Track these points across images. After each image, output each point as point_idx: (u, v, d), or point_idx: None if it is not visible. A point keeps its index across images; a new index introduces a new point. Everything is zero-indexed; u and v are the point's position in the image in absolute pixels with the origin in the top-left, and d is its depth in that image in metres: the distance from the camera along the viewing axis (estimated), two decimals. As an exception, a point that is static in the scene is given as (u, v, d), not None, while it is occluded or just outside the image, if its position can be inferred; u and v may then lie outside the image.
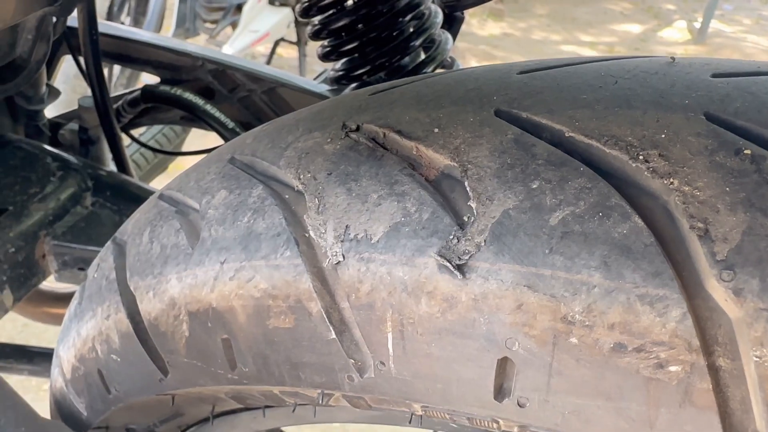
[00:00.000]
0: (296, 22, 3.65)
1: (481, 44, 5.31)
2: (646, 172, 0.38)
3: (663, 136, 0.39)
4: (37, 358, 1.38)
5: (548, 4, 6.48)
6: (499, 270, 0.38)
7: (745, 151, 0.37)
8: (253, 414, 0.64)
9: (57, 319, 1.44)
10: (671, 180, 0.37)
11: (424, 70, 0.89)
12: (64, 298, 1.44)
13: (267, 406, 0.61)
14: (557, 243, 0.37)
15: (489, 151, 0.41)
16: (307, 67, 3.93)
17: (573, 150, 0.40)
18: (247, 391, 0.54)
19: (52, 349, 0.76)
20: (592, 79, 0.45)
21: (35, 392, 2.08)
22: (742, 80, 0.42)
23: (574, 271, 0.36)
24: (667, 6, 6.72)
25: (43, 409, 0.73)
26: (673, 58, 0.47)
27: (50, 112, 1.26)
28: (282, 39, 3.80)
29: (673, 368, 0.35)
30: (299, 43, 3.82)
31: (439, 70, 0.92)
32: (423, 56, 0.91)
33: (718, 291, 0.34)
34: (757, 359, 0.33)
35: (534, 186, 0.39)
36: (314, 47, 0.98)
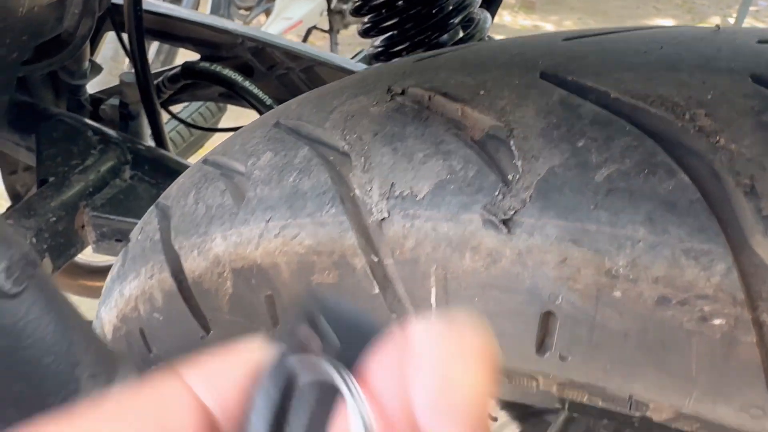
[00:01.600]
0: (329, 10, 3.66)
1: (508, 35, 5.29)
2: (692, 131, 0.38)
3: (709, 96, 0.39)
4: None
5: (581, -2, 6.42)
6: (544, 225, 0.39)
7: (793, 112, 0.37)
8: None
9: (92, 292, 1.47)
10: (717, 138, 0.37)
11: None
12: (100, 272, 1.47)
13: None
14: (602, 199, 0.38)
15: (535, 112, 0.42)
16: (339, 53, 3.95)
17: (619, 111, 0.40)
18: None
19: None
20: (637, 45, 0.45)
21: None
22: (791, 45, 0.42)
23: (619, 226, 0.37)
24: (702, 1, 6.62)
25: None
26: (718, 26, 0.47)
27: (90, 88, 1.29)
28: (314, 27, 3.81)
29: (717, 321, 0.35)
30: (331, 31, 3.83)
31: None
32: (461, 34, 0.91)
33: (763, 246, 0.35)
34: (802, 314, 0.34)
35: (580, 144, 0.40)
36: (345, 36, 0.99)
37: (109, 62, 2.11)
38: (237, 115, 1.64)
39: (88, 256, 1.34)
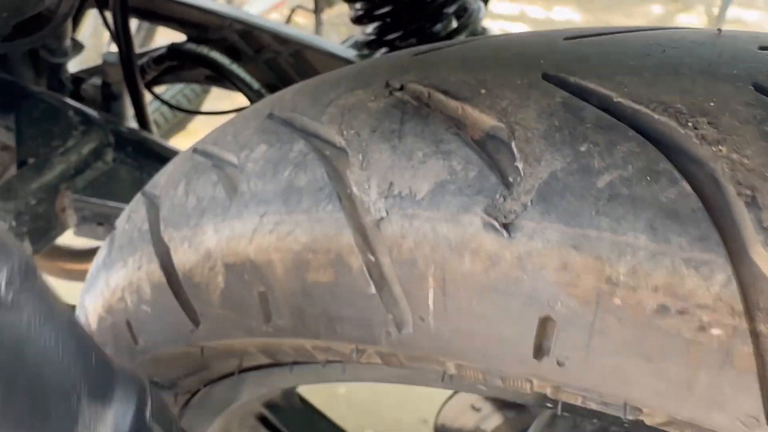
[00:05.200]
0: (314, -12, 3.62)
1: (499, 23, 5.27)
2: (694, 139, 0.38)
3: (712, 104, 0.39)
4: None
5: (570, -17, 6.43)
6: (544, 229, 0.39)
7: (796, 122, 0.37)
8: (281, 370, 0.65)
9: (72, 275, 1.46)
10: (720, 147, 0.37)
11: (457, 38, 0.89)
12: (80, 255, 1.46)
13: (295, 363, 0.62)
14: (604, 205, 0.38)
15: (537, 113, 0.42)
16: (323, 36, 3.91)
17: (621, 115, 0.41)
18: (279, 345, 0.55)
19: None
20: (639, 47, 0.46)
21: None
22: (793, 52, 0.42)
23: (620, 232, 0.37)
24: (688, -11, 6.67)
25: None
26: (719, 30, 0.48)
27: (72, 66, 1.27)
28: (299, 6, 3.77)
29: (715, 331, 0.36)
30: (316, 10, 3.79)
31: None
32: (455, 24, 0.91)
33: (762, 258, 0.35)
34: (800, 325, 0.34)
35: (582, 149, 0.40)
36: (330, 15, 0.98)
37: (89, 39, 2.07)
38: (218, 97, 1.63)
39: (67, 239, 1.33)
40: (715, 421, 0.37)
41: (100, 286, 0.68)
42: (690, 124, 0.39)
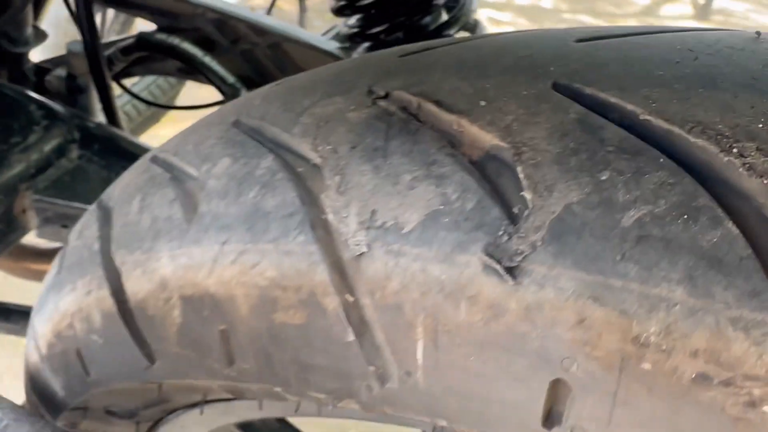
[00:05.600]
0: (299, -27, 3.53)
1: (484, 9, 5.19)
2: (740, 169, 0.32)
3: (761, 125, 0.33)
4: (14, 316, 1.32)
5: (558, -26, 6.40)
6: (558, 276, 0.32)
7: None
8: (249, 404, 0.59)
9: (38, 276, 1.38)
10: (773, 180, 0.31)
11: (447, 32, 0.82)
12: (47, 254, 1.39)
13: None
14: (631, 248, 0.31)
15: (548, 132, 0.35)
16: (307, 23, 3.82)
17: (650, 136, 0.34)
18: (246, 388, 0.48)
19: (31, 307, 0.71)
20: (666, 53, 0.39)
21: (13, 348, 2.00)
22: None
23: (652, 283, 0.31)
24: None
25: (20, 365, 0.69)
26: (758, 33, 0.41)
27: (36, 56, 1.19)
28: (283, -10, 3.67)
29: (768, 408, 0.29)
30: (301, -4, 3.70)
31: (462, 34, 0.85)
32: (445, 16, 0.84)
33: (828, 318, 0.29)
34: None
35: (603, 177, 0.33)
36: (315, 2, 0.91)
37: (64, 23, 1.98)
38: (198, 86, 1.55)
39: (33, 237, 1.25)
40: None
41: (50, 308, 0.61)
42: (734, 150, 0.32)
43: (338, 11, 0.82)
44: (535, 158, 0.35)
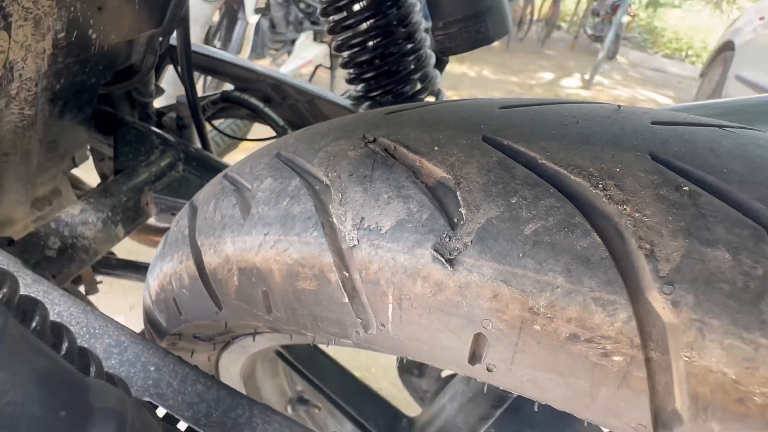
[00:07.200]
0: (331, 54, 3.49)
1: (448, 80, 5.13)
2: (603, 198, 0.30)
3: (617, 169, 0.31)
4: (142, 270, 1.31)
5: (496, 56, 6.33)
6: (481, 266, 0.31)
7: (684, 188, 0.29)
8: (283, 335, 0.57)
9: (157, 246, 1.36)
10: (624, 207, 0.29)
11: (419, 97, 0.80)
12: (162, 231, 1.36)
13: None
14: (530, 249, 0.30)
15: (477, 169, 0.34)
16: (336, 85, 3.78)
17: (545, 174, 0.32)
18: (280, 327, 0.47)
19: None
20: (558, 118, 0.37)
21: (126, 314, 1.92)
22: (678, 128, 0.34)
23: (542, 272, 0.29)
24: (570, 63, 6.61)
25: (135, 323, 0.67)
26: (619, 106, 0.39)
27: (157, 104, 1.16)
28: (320, 65, 3.63)
29: (616, 358, 0.28)
30: (332, 68, 3.66)
31: (430, 98, 0.83)
32: (419, 86, 0.82)
33: (657, 300, 0.27)
34: (687, 359, 0.27)
35: (513, 201, 0.31)
36: (342, 73, 0.88)
37: (171, 86, 1.95)
38: (262, 126, 1.52)
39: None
40: (611, 424, 0.30)
41: (157, 270, 0.59)
42: (600, 185, 0.30)
43: (350, 81, 0.80)
44: (469, 186, 0.33)
